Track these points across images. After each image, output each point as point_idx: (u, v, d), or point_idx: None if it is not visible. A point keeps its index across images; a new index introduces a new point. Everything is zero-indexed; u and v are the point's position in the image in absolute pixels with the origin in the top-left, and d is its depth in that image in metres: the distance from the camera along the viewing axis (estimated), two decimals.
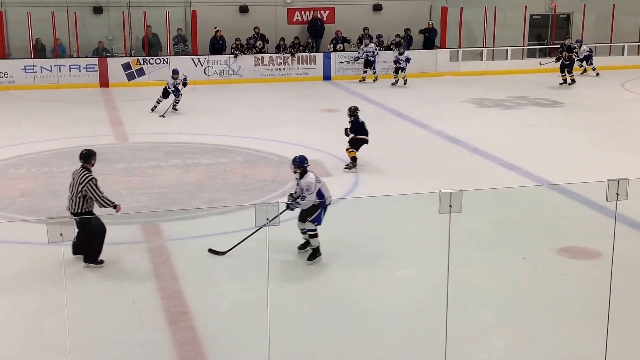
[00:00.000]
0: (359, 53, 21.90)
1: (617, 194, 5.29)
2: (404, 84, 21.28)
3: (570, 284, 8.23)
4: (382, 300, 7.77)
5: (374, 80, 21.73)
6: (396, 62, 21.31)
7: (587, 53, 22.69)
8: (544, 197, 11.09)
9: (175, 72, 17.53)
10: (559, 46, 23.13)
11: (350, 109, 12.74)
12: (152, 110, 17.45)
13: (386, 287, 8.16)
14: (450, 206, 5.26)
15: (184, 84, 17.57)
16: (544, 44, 25.03)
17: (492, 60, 23.78)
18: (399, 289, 8.20)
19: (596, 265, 8.35)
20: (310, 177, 8.63)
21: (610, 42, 24.80)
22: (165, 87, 17.56)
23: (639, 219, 9.43)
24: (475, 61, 23.69)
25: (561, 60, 21.58)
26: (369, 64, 21.70)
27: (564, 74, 21.40)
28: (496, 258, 8.90)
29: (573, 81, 21.44)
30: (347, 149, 12.57)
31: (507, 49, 23.90)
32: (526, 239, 9.48)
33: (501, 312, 7.58)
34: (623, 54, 24.68)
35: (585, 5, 24.48)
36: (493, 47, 23.91)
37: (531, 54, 24.71)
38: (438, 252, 6.00)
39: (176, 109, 17.45)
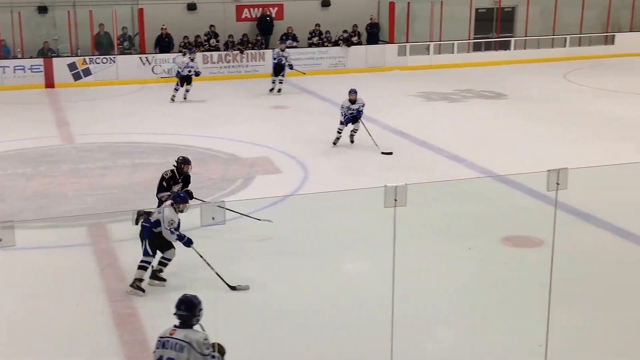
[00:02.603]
0: (273, 55, 20.32)
1: (558, 184, 5.36)
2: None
3: (514, 272, 8.44)
4: (331, 294, 7.87)
5: (278, 91, 19.46)
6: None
7: None
8: (489, 188, 11.33)
9: (191, 51, 18.54)
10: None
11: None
12: (172, 100, 18.07)
13: (335, 281, 8.26)
14: (396, 200, 5.25)
15: (197, 73, 18.07)
16: (489, 38, 25.43)
17: (439, 54, 24.07)
18: (347, 282, 8.31)
19: (538, 254, 8.56)
20: None
21: (553, 35, 25.33)
22: (181, 72, 18.12)
23: (578, 207, 9.72)
24: (422, 55, 23.94)
25: None
26: (280, 69, 19.54)
27: None
28: (443, 249, 9.07)
29: None
30: None
31: (454, 43, 24.23)
32: (472, 230, 9.70)
33: (448, 302, 7.74)
34: (565, 46, 25.19)
35: None
36: (440, 41, 24.20)
37: (477, 47, 25.09)
38: (385, 246, 6.10)
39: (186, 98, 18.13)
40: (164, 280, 7.99)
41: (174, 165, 9.36)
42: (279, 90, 19.25)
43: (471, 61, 23.95)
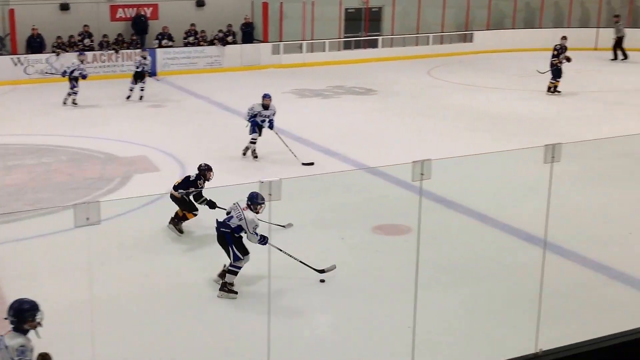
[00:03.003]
0: (135, 62, 18.91)
1: (422, 174, 5.52)
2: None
3: (385, 258, 8.91)
4: (199, 292, 7.96)
5: (140, 98, 18.35)
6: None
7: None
8: (360, 180, 11.82)
9: (81, 53, 18.43)
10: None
11: None
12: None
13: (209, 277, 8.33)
14: (270, 194, 5.31)
15: (83, 76, 17.70)
16: (359, 36, 26.28)
17: (312, 52, 24.66)
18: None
19: (406, 241, 9.09)
20: None
21: (417, 33, 26.53)
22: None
23: (442, 195, 10.40)
24: (296, 54, 24.45)
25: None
26: (141, 76, 18.37)
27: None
28: (317, 240, 9.43)
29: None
30: None
31: (325, 42, 24.91)
32: (344, 220, 10.11)
33: (323, 290, 8.06)
34: (428, 44, 26.40)
35: None
36: (312, 40, 24.82)
37: (347, 45, 25.90)
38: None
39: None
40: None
41: (198, 171, 9.48)
42: (141, 98, 18.26)
43: (342, 59, 24.74)
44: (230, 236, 7.67)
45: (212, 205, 9.28)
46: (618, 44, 24.88)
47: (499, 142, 13.78)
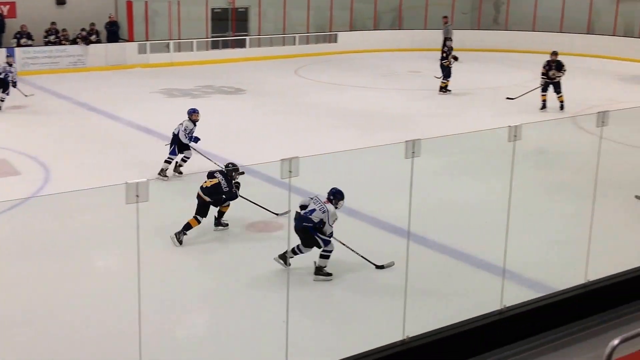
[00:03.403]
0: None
1: (290, 171, 5.56)
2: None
3: (259, 256, 9.01)
4: (78, 294, 7.92)
5: None
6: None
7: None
8: None
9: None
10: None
11: None
12: None
13: (81, 281, 8.30)
14: (138, 196, 5.09)
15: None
16: (226, 36, 26.29)
17: (180, 52, 24.45)
18: (94, 281, 8.36)
19: (279, 237, 9.29)
20: None
21: (284, 34, 26.86)
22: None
23: (311, 191, 10.63)
24: (163, 53, 24.16)
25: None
26: (4, 85, 16.76)
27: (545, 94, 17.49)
28: (197, 239, 9.39)
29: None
30: None
31: (193, 41, 24.76)
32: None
33: (196, 289, 8.17)
34: (295, 44, 26.82)
35: (260, 0, 26.26)
36: (179, 39, 24.59)
37: (215, 45, 25.85)
38: (130, 242, 6.14)
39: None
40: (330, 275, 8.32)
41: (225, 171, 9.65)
42: None
43: (210, 59, 24.69)
44: (312, 228, 8.28)
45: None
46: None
47: (365, 138, 14.25)
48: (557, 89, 17.16)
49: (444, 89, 19.64)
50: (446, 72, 19.58)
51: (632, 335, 3.78)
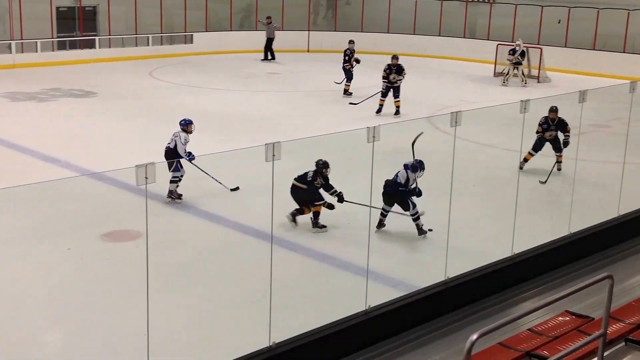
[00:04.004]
0: None
1: (146, 178, 5.49)
2: None
3: (116, 266, 8.69)
4: None
5: None
6: None
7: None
8: (85, 186, 11.41)
9: None
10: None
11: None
12: None
13: None
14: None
15: None
16: (74, 36, 25.18)
17: (22, 53, 23.18)
18: None
19: (137, 246, 8.92)
20: None
21: (136, 34, 26.08)
22: None
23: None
24: (4, 54, 22.81)
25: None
26: None
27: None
28: (41, 253, 8.96)
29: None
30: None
31: (37, 42, 23.51)
32: (70, 230, 9.72)
33: (53, 305, 7.73)
34: (148, 44, 26.14)
35: None
36: (22, 39, 23.29)
37: (62, 46, 24.69)
38: None
39: None
40: None
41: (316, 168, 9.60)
42: None
43: (57, 60, 23.57)
44: (405, 192, 9.30)
45: (341, 198, 9.65)
46: (268, 45, 26.16)
47: (225, 142, 14.04)
48: (396, 93, 17.25)
49: (347, 92, 19.72)
50: (348, 75, 19.79)
51: (490, 329, 3.88)
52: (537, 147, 12.21)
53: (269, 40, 26.09)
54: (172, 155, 10.64)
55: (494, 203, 10.76)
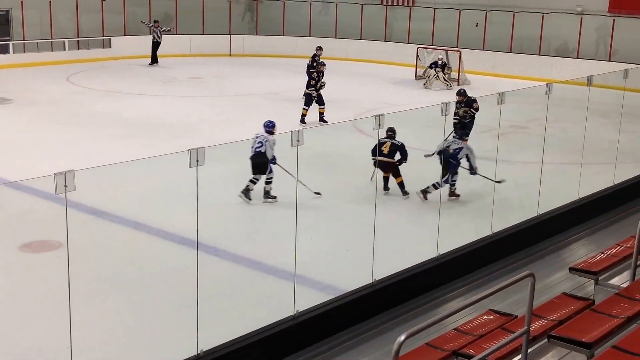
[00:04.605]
0: None
1: (66, 186, 5.40)
2: None
3: (37, 278, 8.47)
4: None
5: None
6: None
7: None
8: (2, 196, 11.05)
9: None
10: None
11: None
12: None
13: None
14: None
15: None
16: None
17: None
18: None
19: (59, 256, 8.67)
20: None
21: (52, 38, 25.38)
22: None
23: (92, 206, 10.13)
24: None
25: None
26: None
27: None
28: None
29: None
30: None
31: None
32: None
33: None
34: (65, 49, 25.48)
35: (23, 2, 24.57)
36: None
37: None
38: None
39: None
40: None
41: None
42: None
43: None
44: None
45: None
46: (154, 49, 25.71)
47: (148, 147, 13.80)
48: (320, 101, 16.99)
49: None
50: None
51: (417, 330, 3.93)
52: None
53: (156, 44, 25.58)
54: (262, 158, 10.69)
55: (419, 204, 10.91)
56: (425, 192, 10.85)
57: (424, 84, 22.48)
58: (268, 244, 9.43)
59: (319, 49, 18.65)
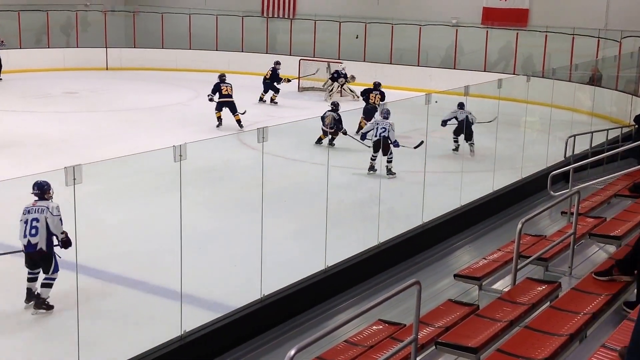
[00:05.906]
0: None
1: None
2: None
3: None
4: None
5: None
6: None
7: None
8: None
9: None
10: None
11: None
12: None
13: None
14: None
15: None
16: None
17: None
18: None
19: None
20: None
21: None
22: None
23: None
24: None
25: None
26: None
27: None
28: None
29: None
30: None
31: None
32: None
33: None
34: None
35: None
36: None
37: None
38: None
39: None
40: None
41: None
42: None
43: None
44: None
45: None
46: None
47: (20, 167, 13.11)
48: (234, 109, 17.30)
49: (271, 100, 21.24)
50: (275, 89, 21.18)
51: (307, 344, 3.88)
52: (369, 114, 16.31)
53: None
54: (385, 141, 12.87)
55: (305, 217, 10.87)
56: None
57: (325, 98, 22.09)
58: (153, 263, 9.13)
59: (278, 63, 21.40)
